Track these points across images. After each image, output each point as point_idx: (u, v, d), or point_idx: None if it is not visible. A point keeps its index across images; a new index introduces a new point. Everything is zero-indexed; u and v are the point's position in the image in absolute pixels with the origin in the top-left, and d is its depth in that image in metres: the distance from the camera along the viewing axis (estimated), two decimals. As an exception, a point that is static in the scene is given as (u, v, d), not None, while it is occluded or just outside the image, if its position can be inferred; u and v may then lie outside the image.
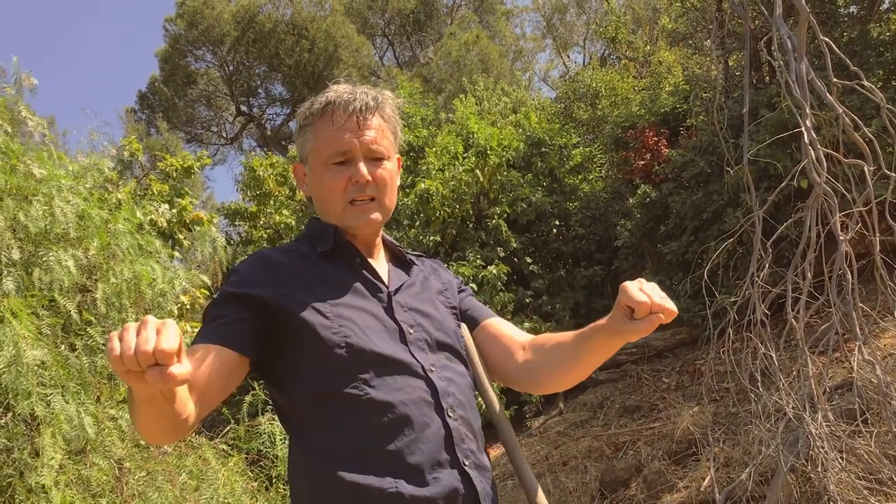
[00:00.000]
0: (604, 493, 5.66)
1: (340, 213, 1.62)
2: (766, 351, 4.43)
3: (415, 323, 1.61)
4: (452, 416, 1.53)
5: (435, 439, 1.49)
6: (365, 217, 1.62)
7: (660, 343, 8.03)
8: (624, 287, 1.39)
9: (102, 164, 5.52)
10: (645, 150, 9.31)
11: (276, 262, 1.60)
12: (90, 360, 4.04)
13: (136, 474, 4.09)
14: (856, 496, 3.91)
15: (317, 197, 1.67)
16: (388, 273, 1.69)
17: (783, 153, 6.63)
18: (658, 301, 1.36)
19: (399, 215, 10.14)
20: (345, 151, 1.59)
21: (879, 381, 4.18)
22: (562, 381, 1.66)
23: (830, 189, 4.30)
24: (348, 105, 1.59)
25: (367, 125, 1.60)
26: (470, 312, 1.81)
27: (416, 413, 1.48)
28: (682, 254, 7.93)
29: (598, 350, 1.54)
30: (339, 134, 1.59)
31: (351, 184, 1.60)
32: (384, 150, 1.63)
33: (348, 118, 1.59)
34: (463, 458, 1.51)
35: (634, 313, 1.38)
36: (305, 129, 1.64)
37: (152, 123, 25.62)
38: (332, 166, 1.60)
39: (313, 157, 1.63)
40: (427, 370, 1.54)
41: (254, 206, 11.19)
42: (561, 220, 10.29)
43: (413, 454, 1.46)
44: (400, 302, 1.63)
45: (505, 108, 15.17)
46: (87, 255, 4.38)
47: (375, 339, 1.52)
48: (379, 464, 1.43)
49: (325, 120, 1.60)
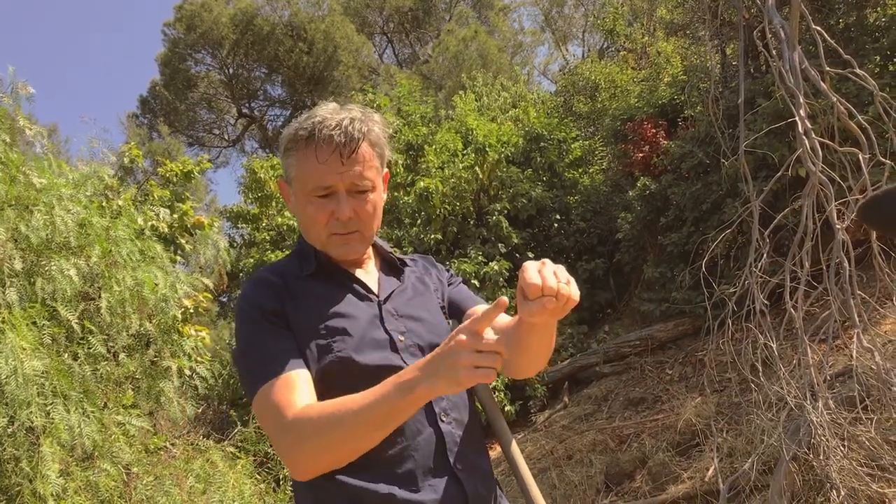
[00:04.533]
0: (609, 486, 5.68)
1: (324, 242, 1.63)
2: (766, 341, 4.44)
3: (405, 329, 1.62)
4: (445, 420, 1.56)
5: (427, 446, 1.51)
6: (346, 249, 1.64)
7: (663, 334, 8.04)
8: (522, 267, 1.34)
9: (102, 171, 5.54)
10: (643, 143, 9.32)
11: (273, 282, 1.62)
12: (93, 368, 4.07)
13: (143, 479, 4.12)
14: (858, 483, 3.92)
15: (301, 223, 1.67)
16: (377, 282, 1.71)
17: (780, 142, 6.64)
18: (551, 285, 1.30)
19: (400, 214, 10.16)
20: (327, 187, 1.58)
21: (879, 367, 4.19)
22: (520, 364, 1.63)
23: (827, 178, 4.31)
24: (332, 139, 1.55)
25: (353, 159, 1.58)
26: (458, 303, 1.81)
27: (408, 421, 1.49)
28: (682, 245, 7.94)
29: (528, 332, 1.49)
30: (323, 169, 1.57)
31: (333, 219, 1.59)
32: (368, 183, 1.61)
33: (332, 154, 1.56)
34: (455, 464, 1.53)
35: (527, 295, 1.32)
36: (290, 153, 1.62)
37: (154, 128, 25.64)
38: (314, 199, 1.59)
39: (297, 185, 1.62)
40: None
41: (256, 208, 11.19)
42: (562, 215, 10.30)
43: (405, 462, 1.48)
44: (390, 310, 1.65)
45: (505, 103, 15.15)
46: (88, 264, 4.40)
47: (367, 349, 1.54)
48: (373, 472, 1.46)
49: (309, 151, 1.57)
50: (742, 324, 4.68)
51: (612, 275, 10.05)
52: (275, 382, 1.46)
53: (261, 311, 1.56)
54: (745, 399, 5.12)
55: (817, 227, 4.36)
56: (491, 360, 1.25)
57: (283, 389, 1.45)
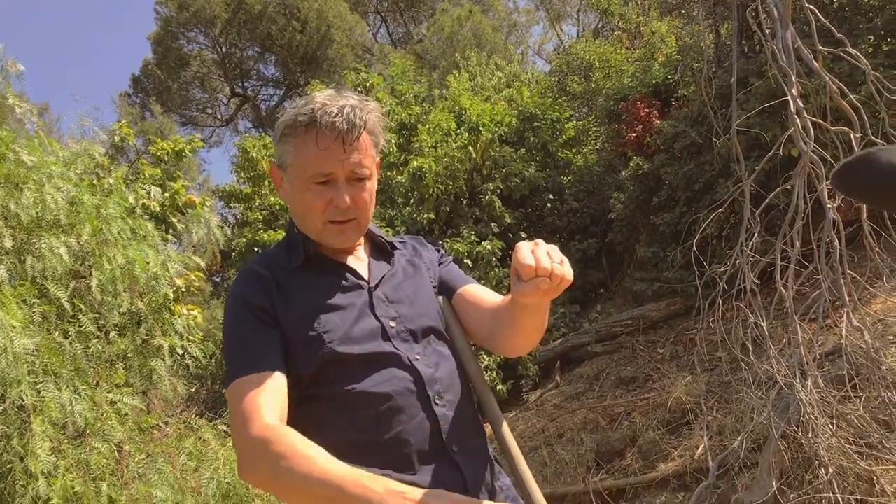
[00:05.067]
0: (599, 464, 5.72)
1: (319, 230, 1.62)
2: (757, 320, 4.47)
3: (396, 315, 1.62)
4: (440, 402, 1.55)
5: (421, 430, 1.51)
6: (343, 237, 1.63)
7: (654, 314, 8.07)
8: (516, 247, 1.35)
9: (93, 149, 5.51)
10: (637, 122, 9.31)
11: (262, 276, 1.61)
12: (84, 347, 4.06)
13: (135, 457, 4.12)
14: (846, 460, 3.95)
15: (295, 210, 1.66)
16: (368, 268, 1.70)
17: (773, 122, 6.63)
18: (545, 265, 1.31)
19: (393, 193, 10.15)
20: (328, 174, 1.57)
21: (868, 346, 4.21)
22: (513, 344, 1.64)
23: (818, 157, 4.31)
24: (334, 126, 1.54)
25: (353, 147, 1.57)
26: (448, 282, 1.81)
27: (402, 404, 1.50)
28: (675, 225, 7.95)
29: (521, 312, 1.51)
30: (323, 156, 1.55)
31: (331, 206, 1.58)
32: (367, 171, 1.61)
33: (334, 141, 1.55)
34: (451, 446, 1.53)
35: (520, 275, 1.33)
36: (287, 138, 1.60)
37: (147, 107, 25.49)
38: (313, 185, 1.58)
39: (294, 172, 1.60)
40: (412, 360, 1.56)
41: (248, 187, 11.15)
42: (555, 195, 10.30)
43: (401, 446, 1.48)
44: (380, 296, 1.64)
45: (499, 82, 15.09)
46: (79, 242, 4.38)
47: (357, 339, 1.54)
48: (369, 456, 1.46)
49: (309, 138, 1.55)
50: (733, 303, 4.70)
51: (604, 255, 10.06)
52: (248, 379, 1.47)
53: (247, 307, 1.56)
54: (735, 378, 5.15)
55: (808, 206, 4.37)
56: None
57: (254, 391, 1.45)
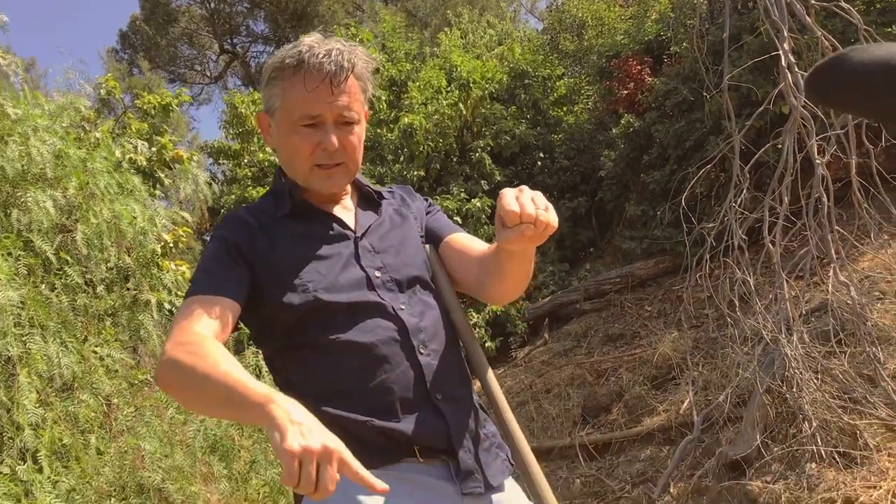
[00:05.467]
0: (586, 419, 5.78)
1: (307, 174, 1.60)
2: (744, 275, 4.48)
3: (382, 265, 1.61)
4: (424, 351, 1.55)
5: (405, 378, 1.51)
6: (331, 182, 1.61)
7: (643, 272, 8.10)
8: (500, 194, 1.34)
9: (79, 102, 5.44)
10: (629, 80, 9.24)
11: (247, 221, 1.61)
12: (70, 300, 4.05)
13: (124, 410, 4.13)
14: (830, 415, 4.00)
15: (282, 155, 1.65)
16: (354, 217, 1.69)
17: (765, 80, 6.60)
18: (530, 211, 1.30)
19: (383, 150, 10.10)
20: (315, 116, 1.55)
21: (854, 301, 4.24)
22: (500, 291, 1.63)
23: (809, 114, 4.30)
24: (322, 67, 1.52)
25: (341, 90, 1.56)
26: (436, 231, 1.80)
27: (386, 353, 1.51)
28: (665, 183, 7.94)
29: (507, 259, 1.50)
30: (311, 97, 1.53)
31: (319, 149, 1.57)
32: (355, 115, 1.60)
33: (322, 82, 1.53)
34: (435, 394, 1.53)
35: (505, 222, 1.32)
36: (275, 82, 1.59)
37: (134, 63, 25.18)
38: (300, 128, 1.57)
39: (282, 115, 1.59)
40: (397, 309, 1.56)
41: (237, 144, 11.06)
42: (545, 153, 10.26)
43: (384, 394, 1.49)
44: (366, 246, 1.63)
45: (490, 40, 14.95)
46: (65, 196, 4.35)
47: (342, 288, 1.54)
48: (353, 403, 1.47)
49: (297, 80, 1.54)
50: (720, 260, 4.71)
51: (594, 213, 10.05)
52: (199, 298, 1.47)
53: (223, 243, 1.56)
54: (721, 334, 5.18)
55: (797, 162, 4.36)
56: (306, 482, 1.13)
57: (200, 309, 1.45)
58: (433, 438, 1.50)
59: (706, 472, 4.36)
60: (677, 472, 4.56)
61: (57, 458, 3.58)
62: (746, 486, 3.95)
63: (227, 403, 1.28)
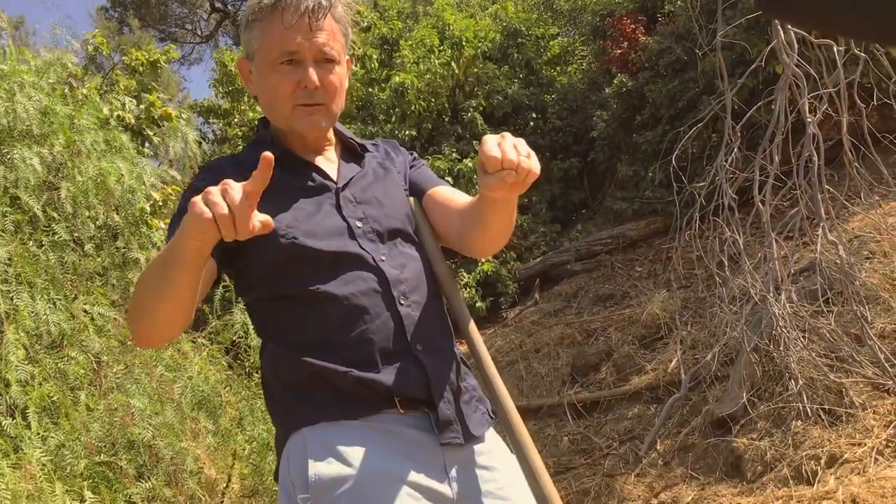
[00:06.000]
0: (575, 378, 5.81)
1: (287, 115, 1.58)
2: (733, 234, 4.48)
3: (364, 216, 1.60)
4: (404, 303, 1.55)
5: (385, 329, 1.51)
6: (311, 121, 1.59)
7: (634, 233, 8.11)
8: (482, 140, 1.33)
9: (66, 58, 5.38)
10: (622, 39, 9.16)
11: (227, 171, 1.55)
12: (58, 257, 4.04)
13: (113, 367, 4.13)
14: (816, 373, 4.02)
15: (263, 97, 1.62)
16: (337, 169, 1.68)
17: (760, 39, 6.55)
18: (511, 157, 1.29)
19: (374, 110, 10.04)
20: (293, 52, 1.53)
21: (842, 261, 4.25)
22: (482, 241, 1.64)
23: (802, 74, 4.27)
24: (300, 4, 1.51)
25: (319, 26, 1.54)
26: (419, 184, 1.79)
27: (366, 304, 1.51)
28: (657, 143, 7.92)
29: (489, 208, 1.50)
30: (290, 34, 1.51)
31: (300, 88, 1.54)
32: (335, 54, 1.57)
33: (300, 18, 1.51)
34: (415, 345, 1.53)
35: (486, 168, 1.31)
36: (253, 24, 1.57)
37: (125, 22, 24.88)
38: (279, 66, 1.54)
39: (261, 56, 1.57)
40: (377, 261, 1.55)
41: (227, 103, 10.97)
42: (538, 113, 10.22)
43: (364, 344, 1.49)
44: (348, 196, 1.62)
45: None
46: (52, 153, 4.32)
47: (323, 237, 1.53)
48: (333, 353, 1.48)
49: (275, 17, 1.53)
50: (710, 219, 4.71)
51: (586, 174, 10.04)
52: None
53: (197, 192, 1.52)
54: (710, 294, 5.20)
55: (789, 121, 4.34)
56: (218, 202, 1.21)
57: None
58: (413, 389, 1.50)
59: (693, 429, 4.40)
60: (664, 430, 4.60)
61: (46, 415, 3.59)
62: (732, 443, 3.99)
63: (166, 269, 1.32)
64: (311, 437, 1.46)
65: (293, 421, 1.50)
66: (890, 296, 4.45)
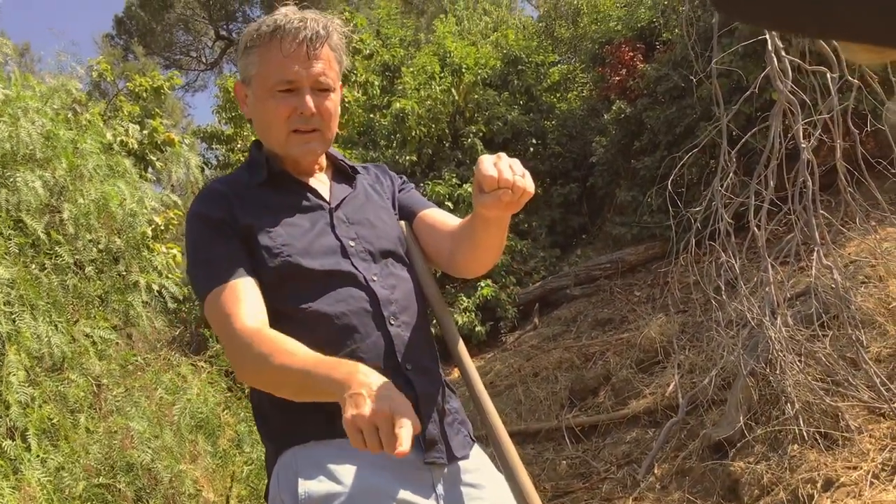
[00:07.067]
0: (573, 402, 5.82)
1: (283, 141, 1.62)
2: (729, 259, 4.51)
3: (356, 236, 1.63)
4: (394, 323, 1.58)
5: (375, 348, 1.54)
6: (307, 147, 1.62)
7: (632, 258, 8.14)
8: (479, 160, 1.37)
9: (70, 84, 5.45)
10: (621, 66, 9.25)
11: (222, 192, 1.62)
12: (60, 280, 4.07)
13: (113, 391, 4.15)
14: (812, 397, 4.03)
15: (259, 122, 1.66)
16: (329, 189, 1.71)
17: (756, 66, 6.61)
18: (507, 177, 1.33)
19: (376, 135, 10.11)
20: (291, 80, 1.57)
21: (838, 285, 4.27)
22: (472, 260, 1.66)
23: (797, 100, 4.32)
24: (298, 33, 1.55)
25: (316, 55, 1.58)
26: (409, 207, 1.82)
27: (357, 323, 1.53)
28: (655, 169, 7.96)
29: (482, 227, 1.53)
30: (288, 62, 1.56)
31: (296, 114, 1.58)
32: (331, 82, 1.61)
33: (298, 46, 1.56)
34: (404, 364, 1.56)
35: (482, 187, 1.35)
36: (251, 50, 1.61)
37: (130, 49, 25.07)
38: (277, 93, 1.58)
39: (258, 82, 1.60)
40: (369, 280, 1.58)
41: (230, 128, 11.02)
42: (537, 139, 10.27)
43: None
44: (341, 217, 1.66)
45: (486, 27, 14.94)
46: (54, 176, 4.37)
47: (318, 255, 1.56)
48: None
49: (273, 45, 1.57)
50: (706, 244, 4.73)
51: (585, 199, 10.08)
52: (222, 289, 1.50)
53: (206, 221, 1.58)
54: (707, 318, 5.22)
55: (783, 146, 4.39)
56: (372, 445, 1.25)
57: (231, 297, 1.49)
58: None
59: (690, 453, 4.40)
60: (662, 454, 4.61)
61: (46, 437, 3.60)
62: (729, 467, 4.00)
63: (304, 387, 1.40)
64: (300, 456, 1.49)
65: (283, 440, 1.53)
66: (885, 320, 4.47)
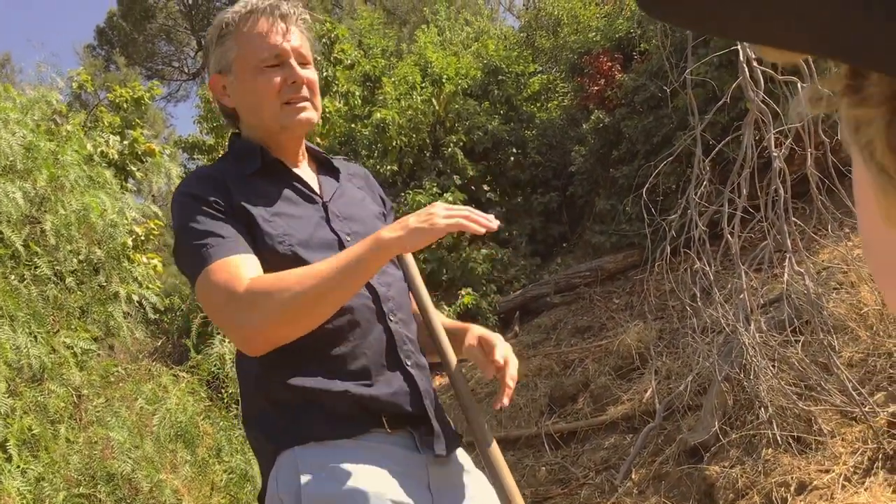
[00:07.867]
0: (553, 409, 5.86)
1: (277, 112, 1.59)
2: (704, 266, 4.58)
3: (350, 231, 1.63)
4: (394, 319, 1.61)
5: (378, 343, 1.56)
6: (303, 116, 1.62)
7: (611, 266, 8.21)
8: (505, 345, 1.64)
9: (51, 96, 5.46)
10: (599, 76, 9.33)
11: (215, 178, 1.59)
12: (40, 291, 4.08)
13: (94, 401, 4.16)
14: (786, 401, 4.09)
15: (247, 103, 1.64)
16: (317, 182, 1.71)
17: (731, 76, 6.70)
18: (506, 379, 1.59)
19: (357, 145, 10.14)
20: (278, 54, 1.58)
21: (809, 291, 4.34)
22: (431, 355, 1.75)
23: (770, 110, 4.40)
24: (273, 10, 1.58)
25: (293, 30, 1.61)
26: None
27: (359, 319, 1.54)
28: (633, 178, 8.03)
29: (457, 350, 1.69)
30: (270, 37, 1.58)
31: (286, 85, 1.58)
32: (309, 56, 1.64)
33: (275, 22, 1.58)
34: (405, 359, 1.59)
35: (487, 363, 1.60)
36: (224, 38, 1.62)
37: (111, 60, 24.99)
38: (265, 69, 1.58)
39: (240, 64, 1.60)
40: None
41: (212, 138, 11.01)
42: (518, 148, 10.34)
43: (358, 358, 1.53)
44: (335, 211, 1.65)
45: (467, 37, 15.00)
46: (35, 187, 4.38)
47: (317, 248, 1.55)
48: (326, 368, 1.50)
49: (250, 25, 1.58)
50: (681, 251, 4.80)
51: (565, 208, 10.15)
52: (220, 263, 1.44)
53: (200, 200, 1.53)
54: (683, 325, 5.27)
55: (755, 154, 4.46)
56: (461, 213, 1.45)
57: (231, 268, 1.43)
58: (406, 403, 1.56)
59: (667, 458, 4.46)
60: (639, 459, 4.66)
61: (26, 447, 3.61)
62: (705, 471, 4.05)
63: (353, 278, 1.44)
64: (301, 456, 1.48)
65: (283, 440, 1.51)
66: (857, 325, 4.54)
